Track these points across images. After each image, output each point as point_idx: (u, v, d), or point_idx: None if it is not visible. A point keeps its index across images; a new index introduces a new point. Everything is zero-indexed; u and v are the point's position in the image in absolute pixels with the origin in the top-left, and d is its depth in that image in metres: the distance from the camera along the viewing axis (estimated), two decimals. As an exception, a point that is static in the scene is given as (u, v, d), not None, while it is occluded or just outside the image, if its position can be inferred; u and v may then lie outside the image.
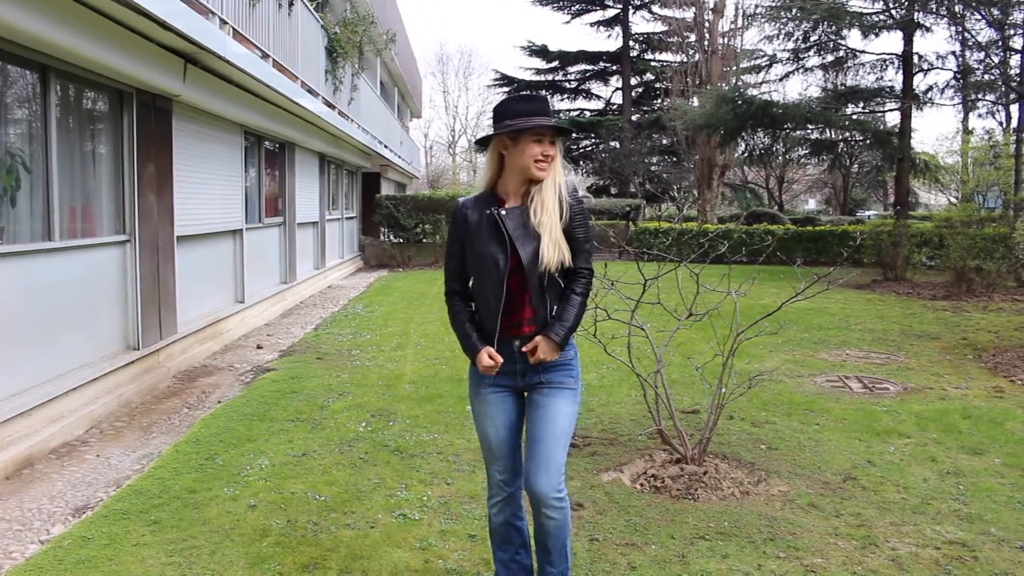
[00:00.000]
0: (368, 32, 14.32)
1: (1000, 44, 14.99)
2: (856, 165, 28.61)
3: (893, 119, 17.19)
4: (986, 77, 15.93)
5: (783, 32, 16.20)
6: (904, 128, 15.81)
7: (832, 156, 19.43)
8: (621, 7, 30.71)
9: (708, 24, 23.03)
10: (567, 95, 33.25)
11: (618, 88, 32.18)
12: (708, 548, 3.45)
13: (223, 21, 7.08)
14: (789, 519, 3.77)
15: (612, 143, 30.12)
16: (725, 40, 22.93)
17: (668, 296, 4.70)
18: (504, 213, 2.69)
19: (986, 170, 17.84)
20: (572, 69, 32.82)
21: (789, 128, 16.98)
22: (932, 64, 16.11)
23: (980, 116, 18.81)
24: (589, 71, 32.74)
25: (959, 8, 14.50)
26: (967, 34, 15.28)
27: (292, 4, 9.78)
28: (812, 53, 16.94)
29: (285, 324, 10.03)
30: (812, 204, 45.78)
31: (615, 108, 32.44)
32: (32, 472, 4.50)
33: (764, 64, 18.13)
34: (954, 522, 3.76)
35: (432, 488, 4.16)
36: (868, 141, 17.40)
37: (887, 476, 4.39)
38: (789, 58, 17.12)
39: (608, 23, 31.32)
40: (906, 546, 3.50)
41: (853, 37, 18.15)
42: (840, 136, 18.36)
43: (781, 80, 18.65)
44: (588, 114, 32.84)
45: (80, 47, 5.14)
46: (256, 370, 7.21)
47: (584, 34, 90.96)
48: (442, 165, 54.28)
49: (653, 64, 31.31)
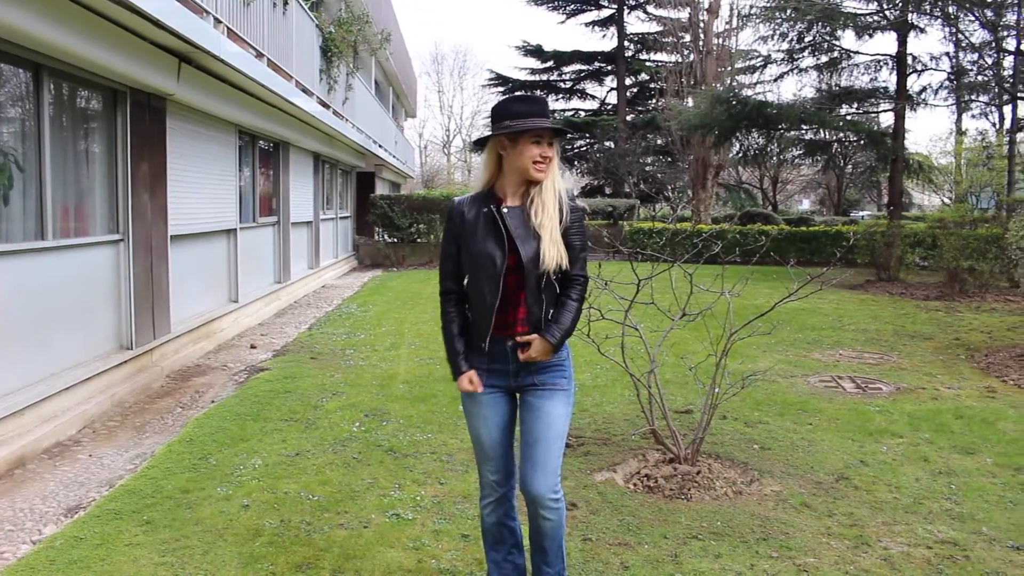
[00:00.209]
0: (363, 31, 14.31)
1: (993, 45, 15.02)
2: (850, 166, 28.69)
3: (887, 120, 17.24)
4: (979, 78, 15.99)
5: (778, 33, 16.22)
6: (898, 129, 15.85)
7: (826, 157, 19.46)
8: (616, 7, 30.72)
9: (703, 24, 23.06)
10: (562, 95, 33.25)
11: (613, 88, 32.20)
12: (701, 548, 3.46)
13: (217, 20, 7.06)
14: (782, 519, 3.78)
15: (607, 143, 30.13)
16: (720, 40, 22.96)
17: (662, 296, 4.71)
18: (506, 211, 2.68)
19: (979, 171, 17.92)
20: (567, 69, 32.83)
21: (783, 128, 16.99)
22: (926, 65, 16.16)
23: (973, 117, 18.84)
24: (584, 71, 32.75)
25: (953, 9, 14.54)
26: (961, 35, 15.32)
27: (287, 3, 9.77)
28: (806, 54, 16.95)
29: (279, 324, 10.01)
30: (806, 204, 45.89)
31: (610, 108, 32.46)
32: (24, 472, 4.49)
33: (759, 64, 18.13)
34: (946, 521, 3.78)
35: (425, 488, 4.16)
36: (862, 142, 17.43)
37: (879, 476, 4.40)
38: (783, 59, 17.12)
39: (603, 23, 31.35)
40: (898, 545, 3.51)
41: (847, 38, 18.22)
42: (834, 137, 18.39)
43: (776, 81, 18.60)
44: (583, 114, 32.84)
45: (74, 46, 5.12)
46: (250, 370, 7.20)
47: (579, 34, 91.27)
48: (437, 165, 54.25)
49: (648, 64, 31.34)
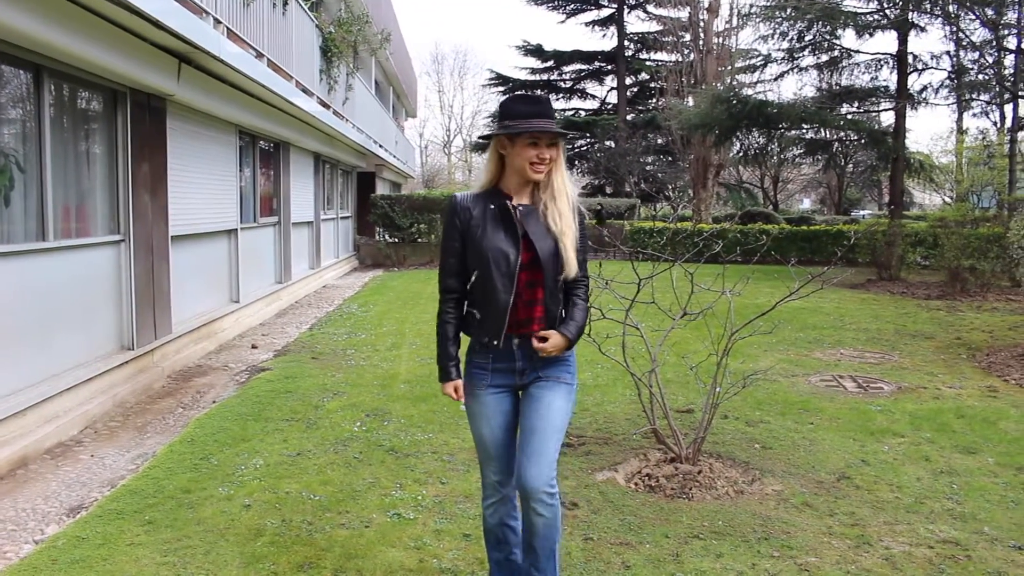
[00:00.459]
0: (363, 31, 14.31)
1: (994, 44, 15.01)
2: (851, 165, 28.64)
3: (888, 119, 17.21)
4: (980, 77, 15.97)
5: (778, 32, 16.21)
6: (899, 128, 15.83)
7: (827, 156, 19.44)
8: (616, 7, 30.70)
9: (703, 24, 23.04)
10: (562, 95, 33.24)
11: (613, 88, 32.19)
12: (702, 547, 3.46)
13: (217, 21, 7.06)
14: (783, 518, 3.78)
15: (607, 143, 30.12)
16: (720, 40, 22.94)
17: (663, 296, 4.71)
18: (521, 209, 2.66)
19: (980, 170, 17.87)
20: (567, 69, 32.81)
21: (784, 128, 16.98)
22: (927, 64, 16.14)
23: (974, 116, 18.81)
24: (584, 71, 32.74)
25: (953, 8, 14.52)
26: (961, 34, 15.29)
27: (286, 4, 9.77)
28: (807, 53, 16.93)
29: (280, 324, 10.01)
30: (807, 204, 45.88)
31: (610, 108, 32.45)
32: (27, 472, 4.49)
33: (759, 64, 18.12)
34: (948, 521, 3.78)
35: (427, 487, 4.16)
36: (863, 141, 17.42)
37: (881, 475, 4.40)
38: (784, 58, 17.11)
39: (603, 23, 31.33)
40: (900, 545, 3.51)
41: (848, 37, 18.20)
42: (835, 136, 18.37)
43: (776, 80, 18.56)
44: (583, 114, 32.84)
45: (74, 47, 5.12)
46: (251, 370, 7.20)
47: (579, 33, 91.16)
48: (437, 165, 54.26)
49: (648, 64, 31.32)
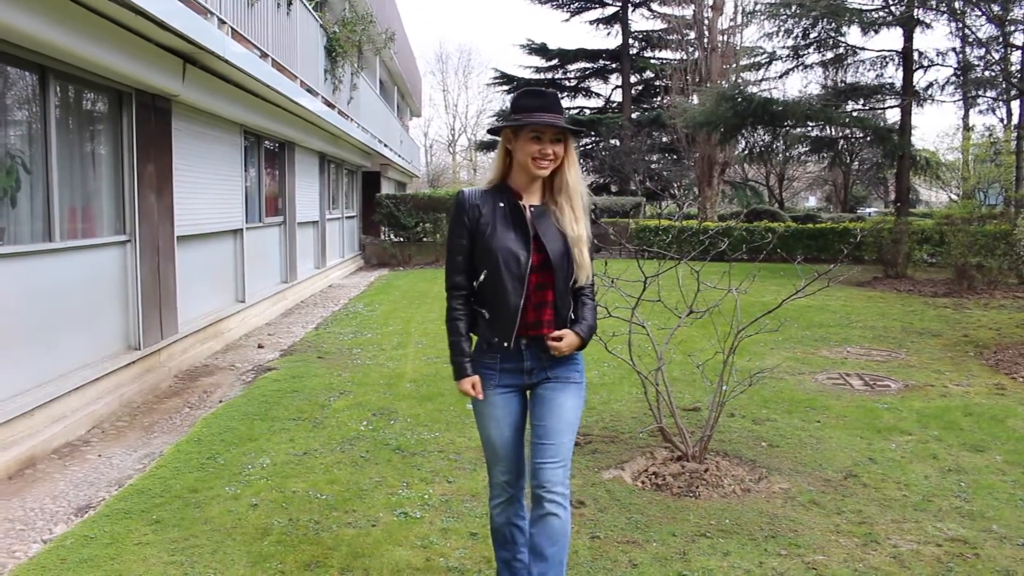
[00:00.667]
0: (367, 31, 14.31)
1: (1000, 40, 14.95)
2: (856, 162, 28.58)
3: (893, 116, 17.16)
4: (986, 73, 15.90)
5: (783, 29, 16.17)
6: (904, 125, 15.79)
7: (832, 153, 19.39)
8: (620, 5, 30.68)
9: (707, 21, 23.01)
10: (567, 93, 33.20)
11: (618, 86, 32.16)
12: (709, 545, 3.45)
13: (221, 21, 7.07)
14: (790, 516, 3.77)
15: (612, 141, 30.09)
16: (725, 37, 22.90)
17: (669, 294, 4.70)
18: (533, 209, 2.63)
19: (987, 167, 17.83)
20: (572, 67, 32.82)
21: (789, 125, 16.95)
22: (932, 61, 16.08)
23: (981, 113, 18.77)
24: (589, 69, 32.72)
25: (959, 4, 14.47)
26: (967, 30, 15.25)
27: (291, 3, 9.78)
28: (812, 50, 16.89)
29: (286, 323, 10.03)
30: (813, 201, 45.80)
31: (615, 106, 32.42)
32: (35, 472, 4.51)
33: (764, 61, 18.08)
34: (956, 519, 3.77)
35: (433, 486, 4.16)
36: (868, 138, 17.37)
37: (888, 473, 4.39)
38: (789, 55, 17.07)
39: (607, 21, 31.30)
40: (908, 543, 3.50)
41: (853, 34, 18.12)
42: (840, 133, 18.32)
43: (781, 77, 18.49)
44: (588, 112, 32.82)
45: (78, 48, 5.13)
46: (257, 369, 7.21)
47: (583, 32, 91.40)
48: (442, 164, 54.30)
49: (653, 62, 31.27)
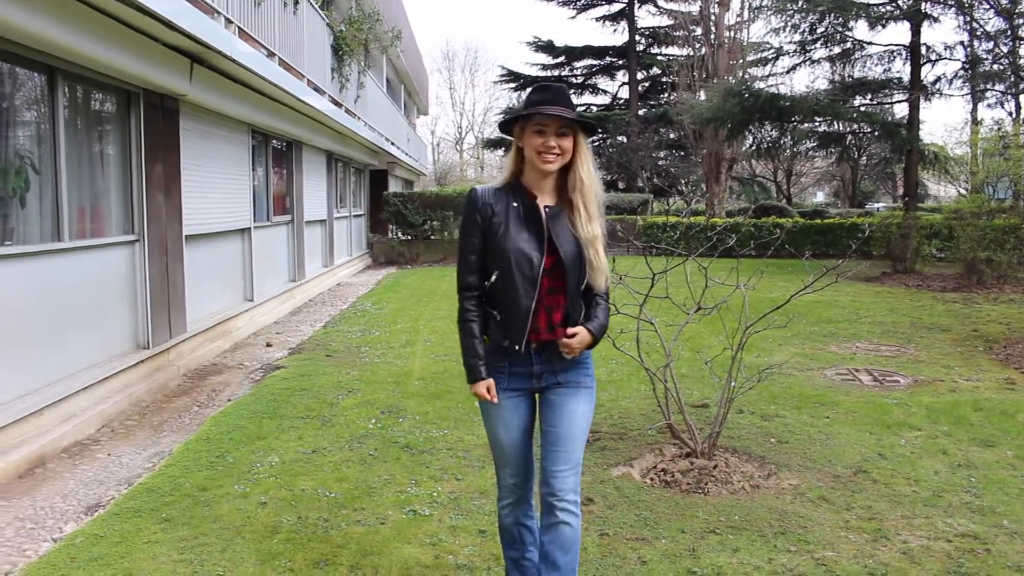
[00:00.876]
0: (374, 29, 14.33)
1: (1009, 33, 14.84)
2: (864, 157, 28.46)
3: (901, 110, 17.12)
4: (995, 67, 15.79)
5: (789, 24, 16.10)
6: (912, 119, 15.70)
7: (840, 148, 19.29)
8: (627, 1, 30.60)
9: (714, 17, 22.94)
10: (574, 90, 33.14)
11: (624, 83, 32.09)
12: (719, 542, 3.45)
13: (228, 20, 7.09)
14: (800, 512, 3.76)
15: (619, 138, 30.04)
16: (731, 33, 22.84)
17: (677, 290, 4.69)
18: (548, 210, 2.59)
19: (996, 161, 17.69)
20: (578, 64, 32.76)
21: (797, 121, 16.88)
22: (940, 55, 15.98)
23: (989, 106, 18.63)
24: (595, 66, 32.66)
25: (967, -2, 14.40)
26: (975, 24, 15.15)
27: (297, 2, 9.79)
28: (819, 45, 16.80)
29: (294, 322, 10.06)
30: (821, 197, 45.58)
31: (622, 103, 32.34)
32: (45, 471, 4.53)
33: (771, 57, 18.00)
34: (966, 515, 3.75)
35: (442, 484, 4.17)
36: (876, 133, 17.28)
37: (898, 469, 4.37)
38: (796, 50, 16.99)
39: (614, 17, 31.23)
40: (918, 539, 3.48)
41: (860, 28, 18.03)
42: (848, 128, 18.23)
43: (788, 73, 18.41)
44: (595, 109, 32.74)
45: (86, 48, 5.15)
46: (266, 368, 7.23)
47: (590, 29, 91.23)
48: (449, 162, 54.31)
49: (659, 58, 31.21)
